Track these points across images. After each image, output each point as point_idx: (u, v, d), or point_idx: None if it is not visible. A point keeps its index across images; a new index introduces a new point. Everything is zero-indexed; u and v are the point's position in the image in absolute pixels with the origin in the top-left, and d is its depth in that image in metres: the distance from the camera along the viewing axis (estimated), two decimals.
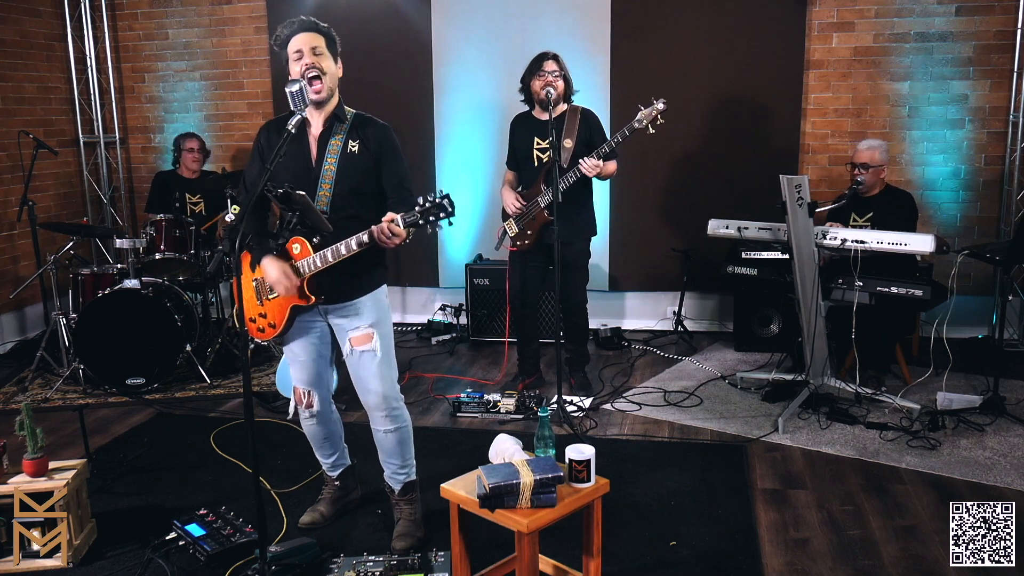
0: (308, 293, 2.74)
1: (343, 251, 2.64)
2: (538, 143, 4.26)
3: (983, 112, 5.19)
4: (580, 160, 4.03)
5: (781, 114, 5.36)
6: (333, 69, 2.76)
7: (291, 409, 3.04)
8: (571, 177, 4.11)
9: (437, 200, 2.51)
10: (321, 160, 2.75)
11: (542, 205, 4.21)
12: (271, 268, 2.71)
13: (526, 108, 4.38)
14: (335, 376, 3.96)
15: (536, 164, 4.28)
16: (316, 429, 3.04)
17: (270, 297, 2.84)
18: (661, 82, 5.35)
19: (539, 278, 4.45)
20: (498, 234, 4.46)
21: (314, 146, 2.77)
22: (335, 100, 2.79)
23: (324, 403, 3.00)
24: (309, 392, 2.96)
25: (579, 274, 4.38)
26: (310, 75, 2.67)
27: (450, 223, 2.57)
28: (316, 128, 2.78)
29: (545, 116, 4.13)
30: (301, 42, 2.69)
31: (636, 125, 4.00)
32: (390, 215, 2.56)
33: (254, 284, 2.89)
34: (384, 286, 2.92)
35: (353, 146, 2.76)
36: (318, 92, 2.69)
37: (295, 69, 2.69)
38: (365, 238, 2.59)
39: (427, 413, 4.25)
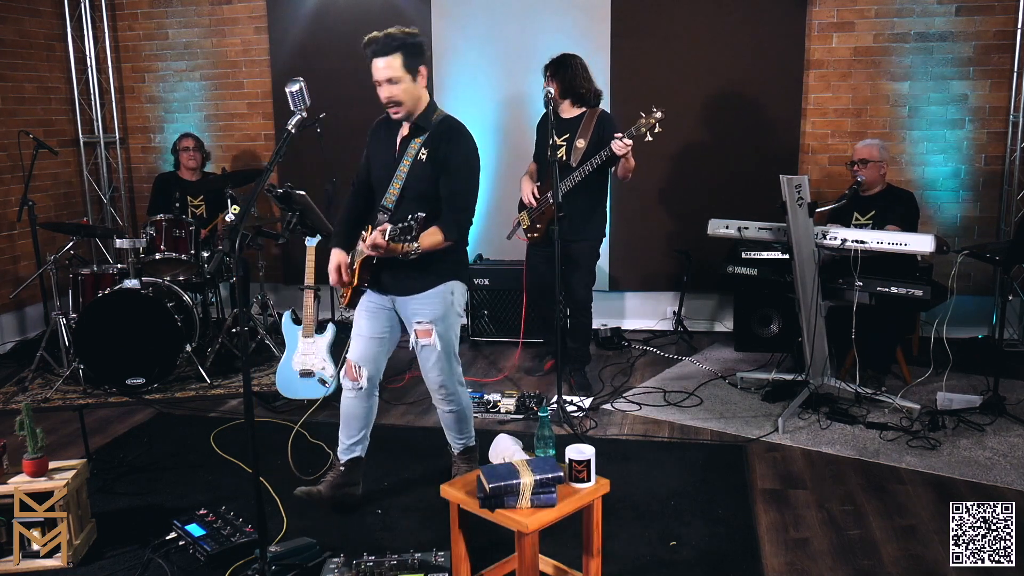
0: (353, 279, 2.98)
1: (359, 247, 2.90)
2: (554, 140, 4.35)
3: (983, 112, 5.19)
4: (615, 137, 4.07)
5: (781, 114, 5.36)
6: (411, 87, 2.86)
7: (339, 378, 3.16)
8: (576, 176, 4.17)
9: (411, 222, 2.61)
10: (400, 161, 2.92)
11: (551, 201, 4.26)
12: (334, 256, 3.00)
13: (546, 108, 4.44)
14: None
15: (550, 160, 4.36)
16: (354, 404, 3.14)
17: (352, 266, 3.05)
18: (661, 82, 5.36)
19: (550, 273, 4.47)
20: (513, 223, 4.58)
21: (399, 145, 2.95)
22: (420, 108, 2.91)
23: (371, 382, 3.12)
24: (359, 367, 3.08)
25: (584, 271, 4.40)
26: (390, 106, 2.85)
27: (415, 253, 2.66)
28: (404, 129, 2.96)
29: (565, 114, 4.33)
30: (379, 72, 2.83)
31: (634, 132, 4.08)
32: (384, 226, 2.69)
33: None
34: (455, 282, 3.03)
35: (423, 155, 2.90)
36: (396, 114, 2.88)
37: (380, 95, 2.86)
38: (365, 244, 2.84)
39: (427, 413, 4.24)
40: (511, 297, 5.36)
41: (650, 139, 4.08)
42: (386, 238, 2.63)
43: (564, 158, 4.25)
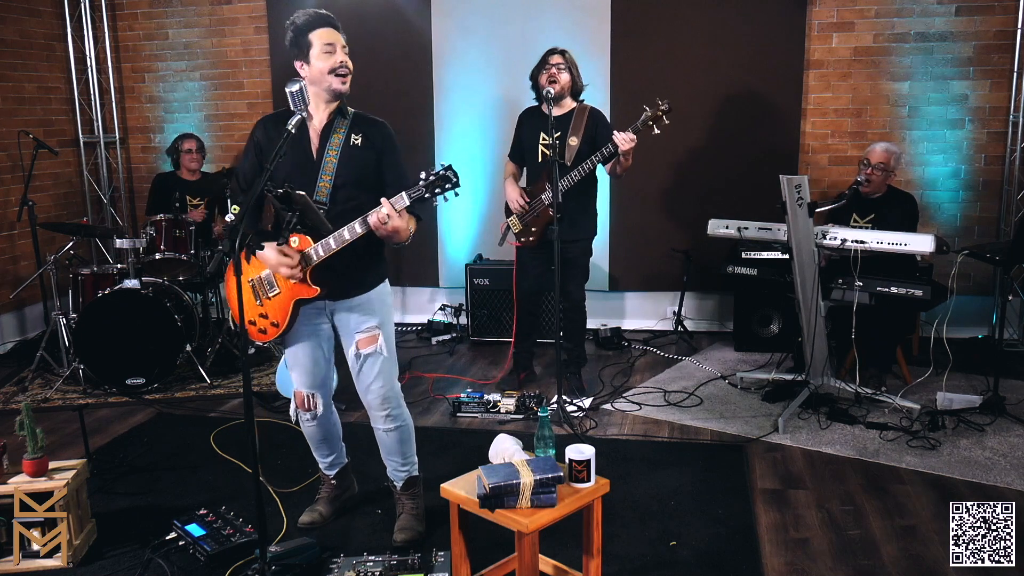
0: (312, 284, 2.73)
1: (347, 235, 2.65)
2: (543, 139, 4.25)
3: (983, 112, 5.19)
4: (615, 133, 3.96)
5: (781, 114, 5.36)
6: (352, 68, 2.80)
7: (292, 413, 3.02)
8: (575, 176, 4.09)
9: (441, 172, 2.55)
10: (322, 153, 2.76)
11: (546, 203, 4.19)
12: (269, 253, 2.68)
13: (535, 103, 4.36)
14: (335, 376, 3.97)
15: (540, 159, 4.27)
16: (316, 431, 3.04)
17: (271, 295, 2.82)
18: (661, 82, 5.35)
19: (544, 276, 4.45)
20: (502, 229, 4.46)
21: (315, 139, 2.78)
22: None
23: (326, 406, 3.00)
24: (312, 396, 2.95)
25: (579, 270, 4.36)
26: (342, 72, 2.71)
27: (456, 194, 2.59)
28: (319, 122, 2.79)
29: (554, 112, 4.13)
30: (333, 37, 2.71)
31: (640, 126, 4.00)
32: (386, 201, 2.57)
33: (251, 284, 2.86)
34: (387, 282, 2.93)
35: (356, 139, 2.78)
36: (344, 84, 2.74)
37: (325, 63, 2.68)
38: (370, 219, 2.60)
39: (427, 413, 4.24)
40: (511, 297, 5.35)
41: (657, 132, 4.03)
42: (408, 200, 2.53)
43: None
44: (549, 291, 4.92)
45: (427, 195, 2.56)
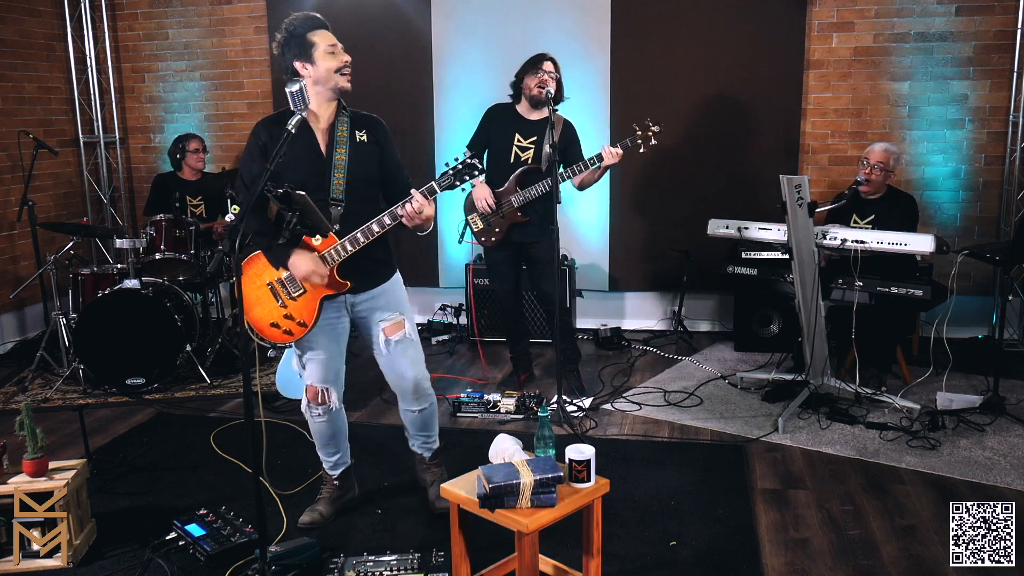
0: (340, 280, 2.78)
1: (376, 228, 2.74)
2: (519, 140, 4.20)
3: (983, 112, 5.19)
4: (604, 147, 4.01)
5: (781, 114, 5.35)
6: None
7: (304, 409, 3.03)
8: (549, 183, 4.07)
9: (467, 160, 2.72)
10: (331, 150, 2.81)
11: (515, 205, 4.17)
12: (303, 262, 2.74)
13: (509, 101, 4.31)
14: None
15: (512, 161, 4.21)
16: (325, 427, 3.06)
17: (295, 295, 2.82)
18: (661, 82, 5.36)
19: (518, 275, 4.45)
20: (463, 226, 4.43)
21: (322, 138, 2.82)
22: None
23: (339, 400, 3.04)
24: (327, 390, 2.98)
25: (552, 266, 4.22)
26: (347, 71, 2.79)
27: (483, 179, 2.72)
28: (324, 121, 2.83)
29: (532, 115, 4.19)
30: (333, 38, 2.79)
31: (629, 144, 4.04)
32: (416, 192, 2.68)
33: (269, 287, 2.85)
34: (399, 271, 3.01)
35: (361, 136, 2.86)
36: (349, 82, 2.81)
37: (332, 62, 2.76)
38: (404, 209, 2.70)
39: None
40: None
41: (643, 151, 4.10)
42: (440, 189, 2.70)
43: (530, 162, 4.17)
44: (526, 290, 4.90)
45: (456, 183, 2.71)
